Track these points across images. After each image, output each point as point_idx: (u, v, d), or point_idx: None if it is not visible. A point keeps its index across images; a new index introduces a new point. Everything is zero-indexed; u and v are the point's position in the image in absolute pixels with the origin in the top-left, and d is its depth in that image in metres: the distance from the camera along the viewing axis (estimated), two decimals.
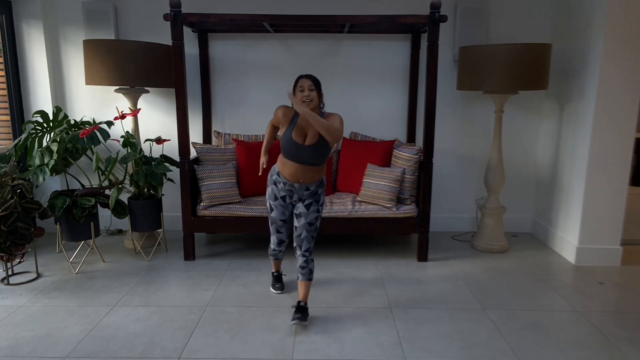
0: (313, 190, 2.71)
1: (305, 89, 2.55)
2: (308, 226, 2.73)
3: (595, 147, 3.46)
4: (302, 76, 2.59)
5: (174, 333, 2.60)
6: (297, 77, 2.62)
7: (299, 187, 2.68)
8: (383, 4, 3.98)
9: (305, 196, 2.72)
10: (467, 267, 3.56)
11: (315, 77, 2.60)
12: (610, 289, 3.20)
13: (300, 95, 2.55)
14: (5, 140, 4.02)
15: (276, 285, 3.13)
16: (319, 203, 2.75)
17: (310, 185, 2.69)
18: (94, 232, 3.46)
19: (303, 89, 2.56)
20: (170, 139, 4.17)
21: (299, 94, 2.55)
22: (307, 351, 2.43)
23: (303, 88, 2.56)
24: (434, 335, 2.59)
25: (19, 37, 3.94)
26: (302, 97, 2.54)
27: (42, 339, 2.53)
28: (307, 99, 2.54)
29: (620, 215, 3.56)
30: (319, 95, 2.59)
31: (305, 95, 2.54)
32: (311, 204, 2.72)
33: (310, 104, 2.55)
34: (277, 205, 2.77)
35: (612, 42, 3.31)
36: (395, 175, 3.56)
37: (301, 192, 2.70)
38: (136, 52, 3.49)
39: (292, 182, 2.67)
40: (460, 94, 4.18)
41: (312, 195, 2.73)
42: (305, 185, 2.68)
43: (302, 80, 2.57)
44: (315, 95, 2.56)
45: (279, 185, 2.74)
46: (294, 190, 2.71)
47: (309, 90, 2.55)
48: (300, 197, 2.73)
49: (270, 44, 4.10)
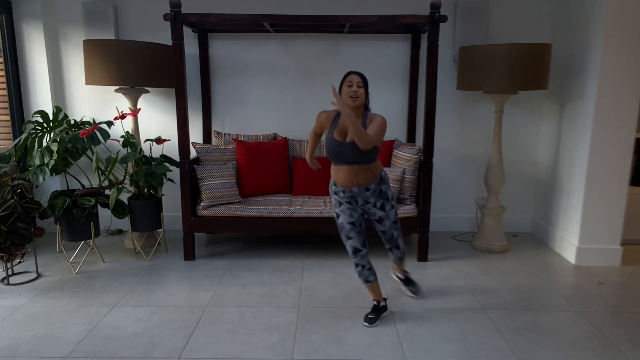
0: (375, 189, 2.65)
1: (354, 84, 2.52)
2: (394, 224, 2.77)
3: (595, 147, 3.46)
4: (352, 72, 2.57)
5: (174, 333, 2.60)
6: (346, 73, 2.58)
7: (358, 191, 2.63)
8: (383, 4, 3.98)
9: (370, 197, 2.67)
10: (467, 267, 3.56)
11: (364, 75, 2.57)
12: (610, 289, 3.20)
13: (347, 90, 2.52)
14: (5, 140, 4.02)
15: (368, 317, 2.73)
16: (390, 199, 2.73)
17: (369, 185, 2.63)
18: (94, 232, 3.46)
19: (352, 84, 2.52)
20: (170, 139, 4.17)
21: (346, 89, 2.52)
22: (307, 351, 2.43)
23: (352, 83, 2.52)
24: (434, 335, 2.59)
25: (19, 37, 3.94)
26: (349, 92, 2.51)
27: (42, 339, 2.53)
28: (355, 94, 2.50)
29: (620, 215, 3.56)
30: (365, 93, 2.57)
31: (353, 91, 2.51)
32: (384, 204, 2.70)
33: (356, 100, 2.51)
34: (343, 210, 2.68)
35: (612, 42, 3.31)
36: (395, 175, 3.55)
37: (363, 194, 2.65)
38: (136, 52, 3.49)
39: (349, 187, 2.62)
40: (460, 94, 4.18)
41: (378, 195, 2.68)
42: (363, 187, 2.62)
43: (352, 76, 2.54)
44: (362, 92, 2.53)
45: (339, 195, 2.70)
46: (355, 195, 2.66)
47: (357, 87, 2.52)
48: (366, 199, 2.67)
49: (270, 44, 4.10)
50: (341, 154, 2.57)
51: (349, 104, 2.51)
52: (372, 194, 2.66)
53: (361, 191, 2.63)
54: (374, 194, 2.67)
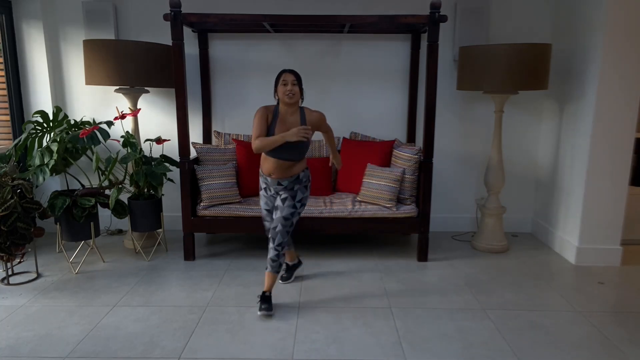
0: (287, 186, 2.81)
1: (289, 83, 2.66)
2: (283, 220, 2.80)
3: (595, 147, 3.46)
4: (286, 70, 2.70)
5: (174, 333, 2.60)
6: (279, 72, 2.71)
7: (271, 181, 2.84)
8: (383, 4, 3.98)
9: (280, 190, 2.83)
10: (467, 267, 3.56)
11: (297, 72, 2.71)
12: (610, 289, 3.20)
13: (283, 89, 2.66)
14: (5, 140, 4.02)
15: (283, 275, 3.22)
16: (295, 199, 2.81)
17: (282, 181, 2.80)
18: (94, 232, 3.46)
19: (286, 83, 2.66)
20: (170, 139, 4.17)
21: (282, 88, 2.66)
22: (307, 351, 2.43)
23: (286, 82, 2.66)
24: (434, 335, 2.59)
25: (19, 37, 3.94)
26: (284, 91, 2.65)
27: (42, 339, 2.53)
28: (290, 92, 2.65)
29: (620, 215, 3.56)
30: (300, 90, 2.70)
31: (288, 90, 2.65)
32: (286, 199, 2.81)
33: (292, 98, 2.66)
34: (261, 196, 2.97)
35: (612, 42, 3.31)
36: (395, 175, 3.56)
37: (275, 186, 2.85)
38: (136, 52, 3.49)
39: (266, 175, 2.82)
40: (460, 94, 4.18)
41: (288, 190, 2.82)
42: (277, 180, 2.80)
43: (286, 75, 2.68)
44: (297, 90, 2.68)
45: (261, 178, 2.93)
46: (268, 184, 2.86)
47: (292, 85, 2.66)
48: (276, 190, 2.85)
49: (270, 44, 4.10)
50: (278, 150, 2.70)
51: (286, 101, 2.67)
52: (284, 189, 2.82)
53: (274, 183, 2.84)
54: (285, 189, 2.82)
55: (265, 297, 2.80)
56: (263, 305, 2.76)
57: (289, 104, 2.70)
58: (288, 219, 2.80)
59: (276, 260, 2.80)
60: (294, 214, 2.82)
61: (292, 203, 2.80)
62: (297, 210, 2.83)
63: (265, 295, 2.81)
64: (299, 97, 2.71)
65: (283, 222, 2.79)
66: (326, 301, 2.98)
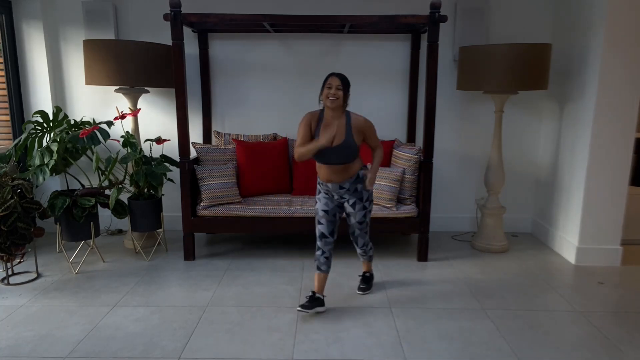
0: (349, 187, 2.76)
1: (333, 87, 2.61)
2: (359, 225, 2.86)
3: (595, 147, 3.46)
4: (333, 74, 2.64)
5: (174, 333, 2.60)
6: (327, 75, 2.66)
7: (332, 187, 2.77)
8: (383, 4, 3.98)
9: (344, 194, 2.78)
10: (467, 267, 3.56)
11: (345, 77, 2.64)
12: (610, 289, 3.20)
13: (327, 92, 2.62)
14: (5, 140, 4.02)
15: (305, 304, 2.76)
16: (364, 200, 2.80)
17: (343, 184, 2.74)
18: (94, 232, 3.46)
19: (331, 86, 2.61)
20: (170, 139, 4.17)
21: (326, 91, 2.62)
22: (307, 351, 2.43)
23: (331, 86, 2.61)
24: (434, 335, 2.59)
25: (19, 37, 3.94)
26: (327, 94, 2.61)
27: (42, 339, 2.53)
28: (333, 96, 2.60)
29: (620, 215, 3.56)
30: (345, 95, 2.65)
31: (332, 93, 2.60)
32: (355, 203, 2.79)
33: (335, 102, 2.61)
34: (320, 198, 2.86)
35: (612, 42, 3.31)
36: (395, 175, 3.56)
37: (337, 191, 2.78)
38: (136, 52, 3.49)
39: (326, 182, 2.77)
40: (460, 94, 4.18)
41: (352, 193, 2.77)
42: (337, 184, 2.74)
43: (332, 78, 2.62)
44: (341, 94, 2.62)
45: (321, 185, 2.85)
46: (330, 190, 2.79)
47: (336, 89, 2.61)
48: (341, 195, 2.79)
49: (270, 44, 4.10)
50: (325, 155, 2.67)
51: (328, 105, 2.63)
52: (347, 192, 2.77)
53: (335, 188, 2.77)
54: (349, 192, 2.77)
55: (366, 277, 3.12)
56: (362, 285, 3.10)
57: (331, 108, 2.64)
58: (362, 222, 2.85)
59: (365, 255, 3.03)
60: (367, 215, 2.84)
61: (361, 205, 2.79)
62: (368, 209, 2.84)
63: (366, 275, 3.12)
64: (342, 102, 2.64)
65: (359, 226, 2.86)
66: (326, 301, 2.98)
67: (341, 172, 2.71)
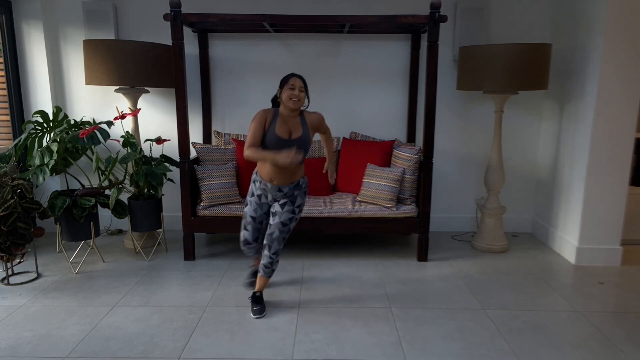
0: (287, 192, 2.74)
1: (297, 88, 2.61)
2: (281, 226, 2.74)
3: (595, 147, 3.46)
4: (294, 75, 2.64)
5: (174, 333, 2.60)
6: (287, 75, 2.65)
7: (271, 188, 2.73)
8: (383, 4, 3.98)
9: (279, 197, 2.76)
10: (467, 267, 3.56)
11: (304, 79, 2.66)
12: (610, 289, 3.20)
13: (289, 93, 2.60)
14: (5, 140, 4.02)
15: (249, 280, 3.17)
16: (294, 204, 2.76)
17: (283, 187, 2.72)
18: (94, 232, 3.46)
19: (294, 87, 2.60)
20: (170, 139, 4.17)
21: (288, 92, 2.60)
22: (307, 351, 2.43)
23: (294, 87, 2.61)
24: (434, 335, 2.59)
25: (19, 37, 3.94)
26: (291, 95, 2.60)
27: (42, 339, 2.53)
28: (296, 98, 2.61)
29: (620, 215, 3.56)
30: (307, 97, 2.68)
31: (295, 95, 2.60)
32: (286, 204, 2.75)
33: (297, 104, 2.62)
34: (251, 202, 2.83)
35: (612, 42, 3.31)
36: (395, 175, 3.56)
37: (274, 193, 2.75)
38: (136, 52, 3.49)
39: (266, 181, 2.72)
40: (460, 94, 4.18)
41: (287, 196, 2.75)
42: (277, 187, 2.72)
43: (294, 79, 2.62)
44: (303, 96, 2.65)
45: (256, 184, 2.80)
46: (267, 190, 2.75)
47: (300, 91, 2.61)
48: (275, 197, 2.76)
49: (270, 44, 4.10)
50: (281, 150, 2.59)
51: (290, 106, 2.62)
52: (283, 196, 2.75)
53: (274, 189, 2.73)
54: (285, 196, 2.75)
55: (257, 297, 2.83)
56: (255, 307, 2.79)
57: (292, 109, 2.65)
58: (286, 224, 2.74)
59: (269, 267, 2.78)
60: (292, 220, 2.76)
61: (291, 208, 2.74)
62: (295, 216, 2.77)
63: (256, 295, 2.84)
64: (303, 104, 2.66)
65: (281, 227, 2.73)
66: (326, 301, 2.98)
67: (287, 175, 2.68)
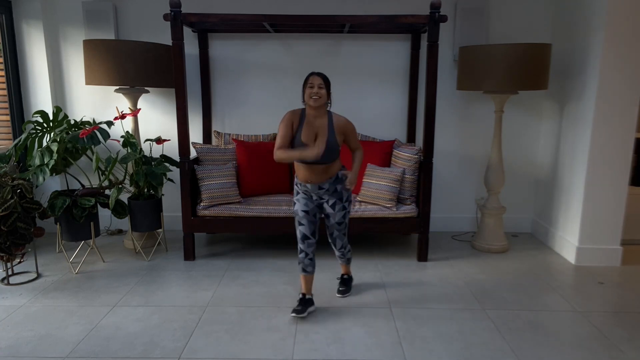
0: (329, 188, 2.74)
1: (315, 86, 2.60)
2: (337, 226, 2.83)
3: (595, 147, 3.46)
4: (314, 73, 2.63)
5: (174, 333, 2.60)
6: (308, 74, 2.65)
7: (311, 187, 2.73)
8: (383, 4, 3.98)
9: (324, 194, 2.76)
10: (467, 267, 3.56)
11: (325, 76, 2.64)
12: (610, 289, 3.20)
13: (309, 92, 2.60)
14: (5, 140, 4.02)
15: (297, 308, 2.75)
16: (343, 200, 2.79)
17: (322, 184, 2.72)
18: (94, 232, 3.46)
19: (313, 85, 2.60)
20: (170, 139, 4.17)
21: (308, 90, 2.60)
22: (307, 351, 2.43)
23: (313, 85, 2.60)
24: (434, 335, 2.59)
25: (19, 37, 3.94)
26: (310, 93, 2.60)
27: (42, 339, 2.53)
28: (316, 95, 2.59)
29: (620, 215, 3.56)
30: (327, 94, 2.64)
31: (314, 92, 2.59)
32: (335, 203, 2.77)
33: (318, 101, 2.60)
34: (299, 199, 2.80)
35: (612, 42, 3.31)
36: (395, 175, 3.56)
37: (316, 192, 2.75)
38: (136, 52, 3.49)
39: (304, 183, 2.74)
40: (460, 94, 4.18)
41: (332, 193, 2.76)
42: (316, 185, 2.72)
43: (313, 77, 2.61)
44: (324, 93, 2.61)
45: (298, 186, 2.82)
46: (309, 191, 2.76)
47: (319, 88, 2.60)
48: (320, 196, 2.77)
49: (270, 44, 4.10)
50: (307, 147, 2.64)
51: (311, 104, 2.61)
52: (326, 192, 2.76)
53: (314, 189, 2.74)
54: (328, 193, 2.76)
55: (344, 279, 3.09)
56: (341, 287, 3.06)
57: (314, 107, 2.63)
58: (341, 222, 2.82)
59: (343, 257, 2.99)
60: (346, 215, 2.82)
61: (341, 205, 2.78)
62: (347, 210, 2.82)
63: (344, 277, 3.09)
64: (325, 101, 2.63)
65: (338, 227, 2.83)
66: (326, 301, 2.98)
67: (321, 173, 2.68)
